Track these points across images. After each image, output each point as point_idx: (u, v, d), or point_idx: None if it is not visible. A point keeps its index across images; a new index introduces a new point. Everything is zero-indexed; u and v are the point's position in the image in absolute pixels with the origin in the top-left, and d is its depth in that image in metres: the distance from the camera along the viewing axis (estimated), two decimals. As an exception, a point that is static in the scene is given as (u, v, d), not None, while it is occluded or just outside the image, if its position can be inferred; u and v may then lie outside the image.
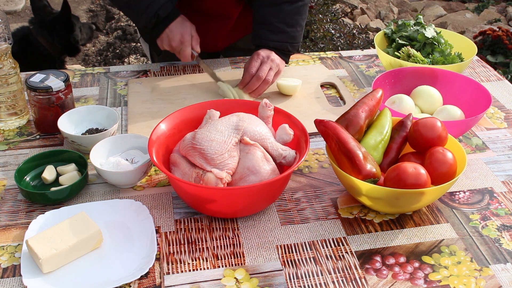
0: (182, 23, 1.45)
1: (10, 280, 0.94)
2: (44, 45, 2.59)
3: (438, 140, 1.08)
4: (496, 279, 0.96)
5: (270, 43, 1.46)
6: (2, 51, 1.27)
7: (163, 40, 1.46)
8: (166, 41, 1.46)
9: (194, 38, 1.47)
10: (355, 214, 1.10)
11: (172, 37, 1.44)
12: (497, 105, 1.49)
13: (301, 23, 1.50)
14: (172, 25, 1.44)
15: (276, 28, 1.46)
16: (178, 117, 1.17)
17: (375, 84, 1.32)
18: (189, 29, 1.46)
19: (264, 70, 1.42)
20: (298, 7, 1.48)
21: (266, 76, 1.42)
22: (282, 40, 1.47)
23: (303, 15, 1.50)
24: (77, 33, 2.70)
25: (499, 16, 4.66)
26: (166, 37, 1.45)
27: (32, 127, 1.36)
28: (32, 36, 2.58)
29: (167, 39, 1.45)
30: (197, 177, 1.03)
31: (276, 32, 1.46)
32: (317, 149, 1.29)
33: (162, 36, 1.46)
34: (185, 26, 1.45)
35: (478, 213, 1.11)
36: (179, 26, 1.44)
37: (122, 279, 0.93)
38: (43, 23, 2.59)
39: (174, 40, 1.44)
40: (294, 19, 1.48)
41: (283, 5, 1.46)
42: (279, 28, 1.46)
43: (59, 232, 0.97)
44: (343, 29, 3.62)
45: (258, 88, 1.43)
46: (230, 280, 0.95)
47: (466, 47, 1.59)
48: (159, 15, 1.41)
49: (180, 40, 1.44)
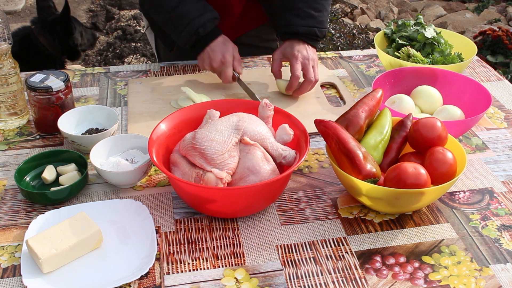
0: (224, 43, 1.44)
1: (10, 280, 0.94)
2: (45, 45, 2.60)
3: (438, 140, 1.08)
4: (496, 279, 0.96)
5: (298, 28, 1.44)
6: (2, 51, 1.27)
7: (204, 59, 1.45)
8: (207, 61, 1.44)
9: (236, 59, 1.46)
10: (355, 214, 1.10)
11: (214, 57, 1.42)
12: (497, 105, 1.49)
13: (327, 8, 1.48)
14: (214, 44, 1.43)
15: (304, 13, 1.44)
16: (178, 117, 1.17)
17: (375, 84, 1.32)
18: (231, 49, 1.44)
19: (311, 72, 1.41)
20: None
21: (315, 76, 1.42)
22: (310, 25, 1.44)
23: (328, 0, 1.49)
24: (76, 37, 2.69)
25: (499, 16, 4.66)
26: (208, 57, 1.43)
27: (32, 127, 1.36)
28: (33, 36, 2.58)
29: (208, 59, 1.44)
30: (197, 177, 1.03)
31: (304, 17, 1.44)
32: (317, 149, 1.29)
33: (203, 56, 1.44)
34: (227, 46, 1.44)
35: (478, 213, 1.11)
36: (221, 46, 1.43)
37: (122, 279, 0.93)
38: (45, 23, 2.59)
39: (215, 61, 1.43)
40: (321, 3, 1.46)
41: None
42: (307, 13, 1.44)
43: (59, 232, 0.97)
44: (343, 29, 3.62)
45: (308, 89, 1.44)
46: (230, 280, 0.95)
47: (466, 47, 1.59)
48: (199, 33, 1.40)
49: (221, 60, 1.43)
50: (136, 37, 4.14)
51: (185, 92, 1.42)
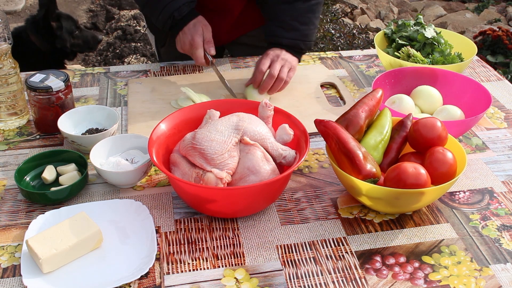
0: (194, 25, 1.44)
1: (10, 280, 0.94)
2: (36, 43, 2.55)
3: (438, 140, 1.08)
4: (496, 279, 0.96)
5: (282, 40, 1.45)
6: (2, 51, 1.27)
7: (177, 42, 1.46)
8: (179, 43, 1.46)
9: (207, 41, 1.45)
10: (355, 214, 1.10)
11: (184, 39, 1.44)
12: (497, 105, 1.49)
13: (314, 21, 1.49)
14: (186, 27, 1.44)
15: (289, 26, 1.45)
16: (178, 117, 1.17)
17: (375, 84, 1.32)
18: (200, 31, 1.44)
19: (276, 68, 1.41)
20: (311, 5, 1.47)
21: (279, 74, 1.41)
22: (294, 38, 1.46)
23: (316, 14, 1.49)
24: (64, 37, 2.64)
25: (499, 16, 4.66)
26: (179, 39, 1.45)
27: (32, 127, 1.36)
28: (25, 34, 2.54)
29: (180, 41, 1.45)
30: (197, 177, 1.03)
31: (289, 30, 1.46)
32: (317, 149, 1.29)
33: (177, 38, 1.46)
34: (197, 28, 1.44)
35: (478, 213, 1.11)
36: (191, 28, 1.43)
37: (122, 279, 0.93)
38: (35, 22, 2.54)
39: (185, 43, 1.44)
40: (307, 17, 1.47)
41: (297, 3, 1.45)
42: (291, 25, 1.45)
43: (59, 232, 0.97)
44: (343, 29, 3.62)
45: (274, 87, 1.43)
46: (230, 280, 0.95)
47: (466, 47, 1.59)
48: (175, 17, 1.41)
49: (190, 43, 1.43)
50: (136, 37, 4.14)
51: (185, 92, 1.42)
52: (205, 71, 1.60)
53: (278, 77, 1.41)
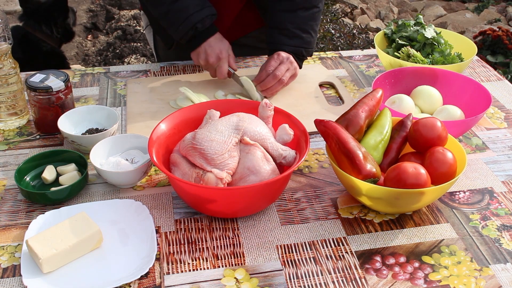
0: (221, 40, 1.46)
1: (10, 280, 0.94)
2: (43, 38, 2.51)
3: (438, 140, 1.08)
4: (496, 279, 0.96)
5: (285, 47, 1.48)
6: (2, 51, 1.27)
7: (200, 54, 1.46)
8: (203, 55, 1.46)
9: (231, 56, 1.48)
10: (355, 214, 1.10)
11: (211, 52, 1.44)
12: (497, 105, 1.49)
13: (315, 28, 1.52)
14: (211, 40, 1.45)
15: (292, 33, 1.48)
16: (178, 117, 1.17)
17: (375, 84, 1.32)
18: (227, 46, 1.47)
19: (282, 70, 1.43)
20: (313, 13, 1.49)
21: (282, 76, 1.43)
22: (297, 45, 1.48)
23: (317, 21, 1.52)
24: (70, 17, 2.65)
25: (499, 16, 4.66)
26: (204, 51, 1.45)
27: (32, 127, 1.36)
28: (31, 34, 2.51)
29: (204, 54, 1.45)
30: (197, 177, 1.03)
31: (291, 37, 1.48)
32: (317, 149, 1.29)
33: (199, 50, 1.46)
34: (224, 43, 1.46)
35: (478, 213, 1.11)
36: (218, 42, 1.45)
37: (122, 279, 0.93)
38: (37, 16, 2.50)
39: (211, 56, 1.44)
40: (309, 25, 1.50)
41: (299, 11, 1.47)
42: (294, 33, 1.48)
43: (59, 232, 0.97)
44: (343, 29, 3.62)
45: (273, 87, 1.45)
46: (230, 280, 0.95)
47: (466, 47, 1.59)
48: (197, 28, 1.42)
49: (218, 56, 1.45)
50: (136, 37, 4.14)
51: (184, 92, 1.42)
52: (205, 72, 1.60)
53: (280, 80, 1.44)
